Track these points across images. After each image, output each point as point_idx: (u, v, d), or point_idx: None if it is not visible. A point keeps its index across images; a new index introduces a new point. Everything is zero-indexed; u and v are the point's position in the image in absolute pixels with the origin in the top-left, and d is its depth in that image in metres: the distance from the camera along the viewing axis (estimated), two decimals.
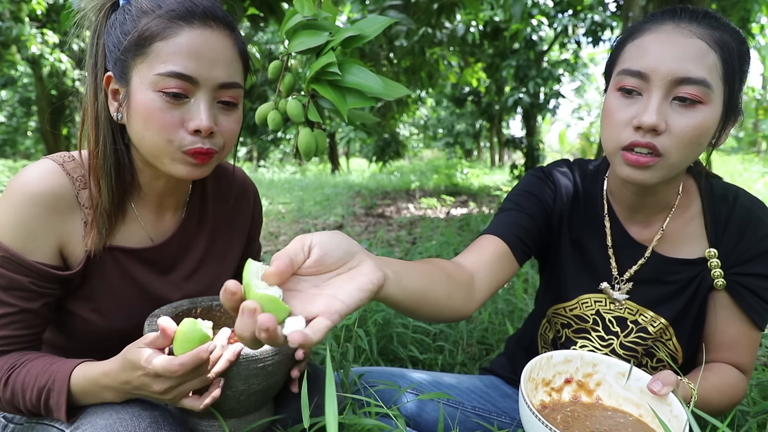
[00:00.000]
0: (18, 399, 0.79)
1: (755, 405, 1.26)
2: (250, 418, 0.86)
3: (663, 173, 0.84)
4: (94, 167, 0.84)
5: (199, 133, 0.81)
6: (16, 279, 0.79)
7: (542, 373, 0.84)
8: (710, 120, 0.81)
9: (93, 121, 0.84)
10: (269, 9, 2.46)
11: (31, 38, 8.65)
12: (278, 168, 18.59)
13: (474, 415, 1.14)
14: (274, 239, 4.69)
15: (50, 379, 0.78)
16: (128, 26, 0.80)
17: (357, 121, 1.08)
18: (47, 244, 0.82)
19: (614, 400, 0.82)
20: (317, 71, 0.97)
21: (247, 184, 1.12)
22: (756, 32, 7.08)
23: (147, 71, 0.79)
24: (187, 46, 0.78)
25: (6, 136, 20.23)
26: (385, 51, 5.00)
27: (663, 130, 0.81)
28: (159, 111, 0.79)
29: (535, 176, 1.07)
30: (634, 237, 0.99)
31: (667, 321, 0.97)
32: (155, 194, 0.93)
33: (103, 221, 0.85)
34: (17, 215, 0.79)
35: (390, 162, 12.63)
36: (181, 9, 0.79)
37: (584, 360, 0.84)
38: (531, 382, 0.82)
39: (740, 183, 7.42)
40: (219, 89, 0.82)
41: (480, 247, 0.96)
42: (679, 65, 0.79)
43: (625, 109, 0.84)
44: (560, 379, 0.85)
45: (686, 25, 0.82)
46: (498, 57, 8.55)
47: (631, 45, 0.86)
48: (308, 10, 0.98)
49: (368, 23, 1.00)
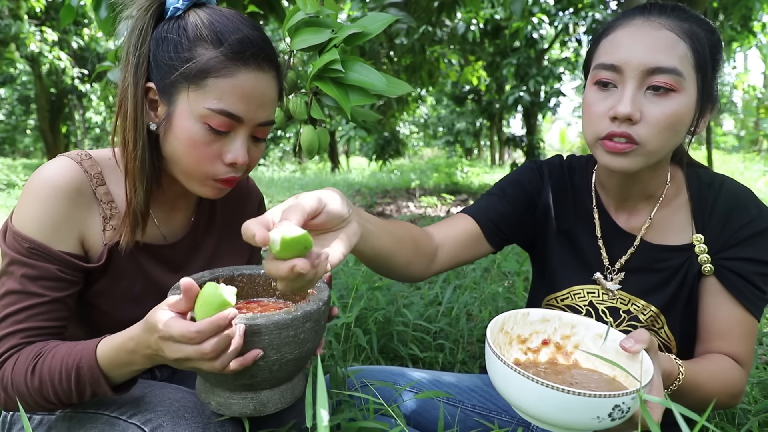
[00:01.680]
0: (47, 386, 0.78)
1: (756, 404, 1.26)
2: (283, 389, 0.85)
3: (643, 160, 0.87)
4: (132, 170, 0.86)
5: (234, 165, 0.86)
6: (45, 268, 0.81)
7: (518, 329, 0.83)
8: (684, 107, 0.84)
9: (133, 124, 0.85)
10: (269, 7, 2.45)
11: (30, 36, 8.64)
12: (278, 166, 18.59)
13: (474, 413, 1.14)
14: None
15: (78, 357, 0.77)
16: (185, 51, 0.81)
17: (360, 118, 1.07)
18: (71, 235, 0.84)
19: (591, 362, 0.81)
20: (320, 68, 0.97)
21: (253, 189, 1.15)
22: (757, 30, 7.07)
23: (197, 102, 0.81)
24: (241, 88, 0.82)
25: (5, 134, 20.22)
26: (386, 49, 4.99)
27: (638, 119, 0.84)
28: (201, 143, 0.83)
29: (527, 167, 1.11)
30: (623, 227, 1.00)
31: (658, 309, 0.98)
32: (169, 196, 0.96)
33: (137, 221, 0.88)
34: (40, 208, 0.81)
35: (390, 160, 12.62)
36: (241, 50, 0.82)
37: (563, 321, 0.83)
38: (504, 334, 0.82)
39: (741, 182, 7.42)
40: (257, 127, 0.87)
41: (453, 223, 1.03)
42: (651, 56, 0.83)
43: (601, 101, 0.88)
44: (537, 339, 0.84)
45: (656, 18, 0.86)
46: (498, 55, 8.55)
47: (605, 41, 0.90)
48: (310, 7, 0.98)
49: (371, 20, 1.00)
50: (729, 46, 7.47)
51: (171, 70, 0.82)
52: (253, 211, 1.14)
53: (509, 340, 0.83)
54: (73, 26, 10.11)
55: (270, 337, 0.75)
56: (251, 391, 0.82)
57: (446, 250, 0.99)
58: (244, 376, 0.78)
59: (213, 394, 0.82)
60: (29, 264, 0.80)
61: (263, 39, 0.85)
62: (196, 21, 0.83)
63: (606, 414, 0.63)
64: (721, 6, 6.09)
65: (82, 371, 0.77)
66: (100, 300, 0.91)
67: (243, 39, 0.82)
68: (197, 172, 0.85)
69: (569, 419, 0.64)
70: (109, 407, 0.84)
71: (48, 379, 0.78)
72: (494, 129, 15.97)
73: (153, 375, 1.05)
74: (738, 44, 7.46)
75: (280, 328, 0.75)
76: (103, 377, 0.77)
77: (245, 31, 0.83)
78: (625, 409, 0.64)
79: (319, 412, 0.53)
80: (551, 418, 0.65)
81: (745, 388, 0.94)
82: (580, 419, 0.64)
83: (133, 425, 0.79)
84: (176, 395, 0.84)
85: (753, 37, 7.09)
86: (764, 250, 0.91)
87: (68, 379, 0.77)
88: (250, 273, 0.94)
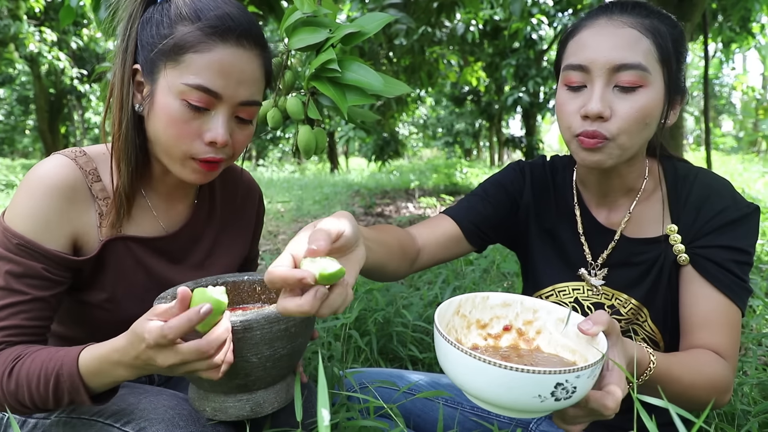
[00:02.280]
0: (23, 390, 0.77)
1: (756, 405, 1.26)
2: (278, 388, 0.84)
3: (616, 154, 0.89)
4: (116, 149, 0.87)
5: (213, 144, 0.85)
6: (31, 266, 0.80)
7: (477, 313, 0.81)
8: (653, 100, 0.86)
9: (118, 105, 0.86)
10: (269, 7, 2.45)
11: (29, 36, 8.63)
12: (277, 167, 18.58)
13: (473, 414, 1.13)
14: (273, 238, 4.68)
15: (58, 364, 0.76)
16: (164, 29, 0.82)
17: (357, 118, 1.07)
18: (62, 233, 0.84)
19: (553, 347, 0.78)
20: (317, 68, 0.96)
21: (253, 185, 1.14)
22: (756, 31, 7.08)
23: (175, 78, 0.81)
24: (219, 63, 0.81)
25: (4, 134, 20.21)
26: (385, 50, 4.98)
27: (609, 116, 0.86)
28: (180, 120, 0.82)
29: (510, 169, 1.13)
30: (603, 223, 1.02)
31: (639, 302, 0.98)
32: (166, 186, 0.96)
33: (122, 202, 0.88)
34: (33, 205, 0.81)
35: (389, 161, 12.61)
36: (219, 24, 0.81)
37: (524, 305, 0.81)
38: (461, 318, 0.79)
39: (740, 182, 7.42)
40: (239, 106, 0.85)
41: (436, 225, 1.06)
42: (615, 53, 0.85)
43: (572, 100, 0.90)
44: (498, 324, 0.82)
45: (618, 17, 0.88)
46: (498, 56, 8.55)
47: (571, 42, 0.93)
48: (308, 6, 0.97)
49: (368, 20, 0.99)
50: (728, 47, 7.47)
51: (152, 48, 0.83)
52: (253, 206, 1.13)
53: (467, 324, 0.80)
54: (72, 26, 10.10)
55: (262, 332, 0.75)
56: (246, 393, 0.81)
57: (428, 251, 1.03)
58: (238, 375, 0.77)
59: (207, 400, 0.81)
60: (15, 261, 0.80)
61: (245, 17, 0.84)
62: (179, 1, 0.84)
63: (548, 393, 0.59)
64: (720, 7, 6.09)
65: (62, 378, 0.76)
66: (103, 299, 0.90)
67: (222, 15, 0.82)
68: (176, 150, 0.84)
69: (510, 398, 0.60)
70: (104, 414, 0.83)
71: (25, 383, 0.76)
72: (493, 130, 15.97)
73: (151, 378, 1.05)
74: (737, 45, 7.46)
75: (271, 323, 0.76)
76: (83, 386, 0.76)
77: (226, 9, 0.83)
78: (570, 389, 0.60)
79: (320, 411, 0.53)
80: (493, 398, 0.62)
81: (733, 382, 0.89)
82: (521, 398, 0.60)
83: None
84: (171, 402, 0.83)
85: (752, 39, 7.09)
86: (739, 237, 0.91)
87: (46, 385, 0.76)
88: (234, 280, 0.94)
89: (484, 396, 0.62)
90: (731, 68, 19.49)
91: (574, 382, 0.60)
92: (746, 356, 1.59)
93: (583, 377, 0.60)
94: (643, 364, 0.77)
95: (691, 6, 3.61)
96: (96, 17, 1.75)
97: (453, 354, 0.63)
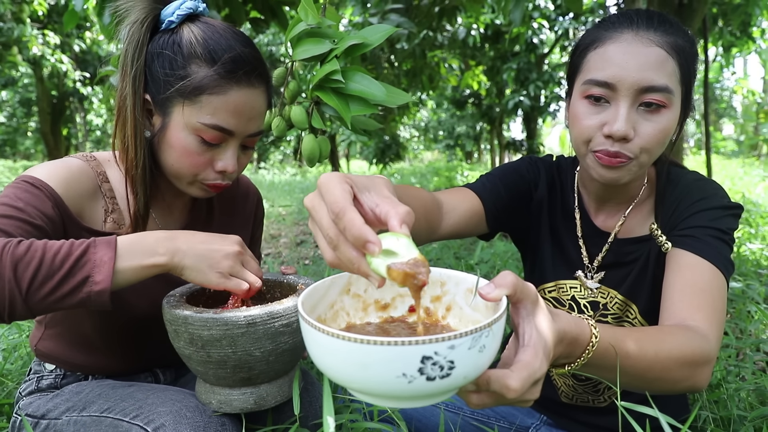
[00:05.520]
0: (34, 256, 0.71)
1: (753, 410, 1.27)
2: (281, 382, 0.88)
3: (634, 171, 0.90)
4: (133, 176, 0.92)
5: (223, 173, 0.93)
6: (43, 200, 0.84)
7: (375, 293, 0.67)
8: (672, 121, 0.88)
9: (133, 132, 0.90)
10: (271, 12, 2.48)
11: (32, 39, 8.67)
12: (279, 169, 18.60)
13: (473, 419, 1.15)
14: (275, 242, 4.70)
15: (90, 240, 0.75)
16: (179, 68, 0.86)
17: (360, 127, 1.09)
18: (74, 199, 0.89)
19: (463, 324, 0.64)
20: (321, 78, 0.98)
21: (251, 188, 1.19)
22: (757, 36, 7.10)
23: (191, 116, 0.87)
24: (234, 104, 0.88)
25: (6, 136, 20.24)
26: (386, 54, 5.01)
27: (632, 137, 0.86)
28: (194, 153, 0.89)
29: (526, 160, 1.14)
30: (600, 226, 1.04)
31: (625, 297, 1.00)
32: (166, 195, 1.02)
33: (138, 222, 0.95)
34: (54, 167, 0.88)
35: (390, 164, 12.64)
36: (234, 69, 0.87)
37: (432, 278, 0.62)
38: (354, 298, 0.66)
39: (740, 187, 7.42)
40: (247, 137, 0.93)
41: (462, 196, 1.02)
42: (644, 74, 0.84)
43: (593, 115, 0.89)
44: (403, 305, 0.68)
45: (644, 33, 0.86)
46: (499, 60, 8.56)
47: (593, 53, 0.90)
48: (312, 18, 0.99)
49: (372, 31, 1.01)
50: (728, 51, 7.49)
51: (167, 86, 0.87)
52: (251, 209, 1.17)
53: (363, 305, 0.67)
54: (75, 30, 10.14)
55: (265, 327, 0.79)
56: (250, 386, 0.85)
57: (450, 222, 0.97)
58: (242, 369, 0.81)
59: (213, 393, 0.85)
60: (31, 192, 0.83)
61: (254, 56, 0.90)
62: (190, 38, 0.87)
63: (414, 370, 0.46)
64: (721, 12, 6.11)
65: (92, 248, 0.73)
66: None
67: (236, 57, 0.87)
68: (188, 175, 0.92)
69: (369, 379, 0.48)
70: (113, 411, 0.85)
71: (42, 249, 0.72)
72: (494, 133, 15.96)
73: (156, 378, 1.07)
74: (737, 50, 7.48)
75: (274, 318, 0.80)
76: (113, 258, 0.73)
77: (238, 49, 0.88)
78: (445, 365, 0.46)
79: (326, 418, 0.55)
80: (348, 380, 0.50)
81: (714, 355, 0.75)
82: (382, 378, 0.47)
83: (137, 426, 0.81)
84: (178, 396, 0.86)
85: (752, 43, 7.12)
86: (716, 219, 0.90)
87: (68, 254, 0.72)
88: None
89: (340, 378, 0.50)
90: (732, 72, 19.49)
91: (449, 355, 0.46)
92: (744, 361, 1.60)
93: (461, 348, 0.46)
94: (581, 339, 0.63)
95: (692, 11, 3.63)
96: (100, 22, 1.77)
97: (305, 330, 0.52)
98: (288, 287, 0.96)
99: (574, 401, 1.09)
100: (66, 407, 0.91)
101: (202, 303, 0.94)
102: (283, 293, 0.97)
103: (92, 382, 0.97)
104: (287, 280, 0.97)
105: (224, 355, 0.79)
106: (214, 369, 0.81)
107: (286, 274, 0.98)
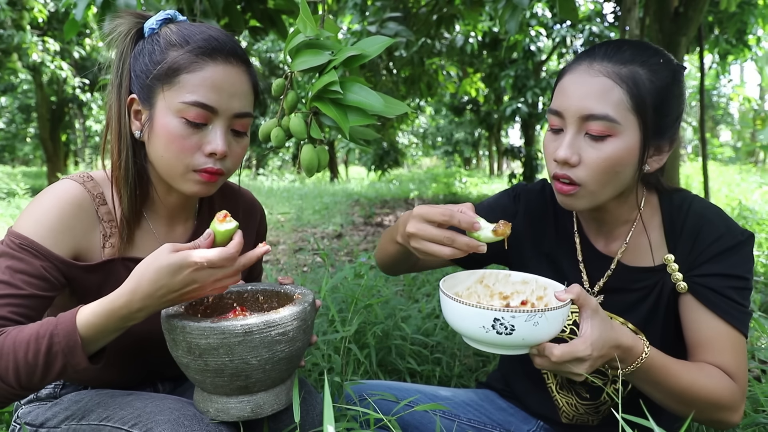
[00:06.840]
0: (8, 360, 0.74)
1: (745, 417, 1.27)
2: (278, 390, 0.88)
3: (588, 200, 0.93)
4: (117, 178, 0.93)
5: (213, 155, 0.91)
6: (31, 263, 0.83)
7: (500, 286, 0.96)
8: (622, 150, 0.88)
9: (116, 136, 0.92)
10: (270, 21, 2.50)
11: (32, 46, 8.69)
12: (277, 176, 18.61)
13: (469, 427, 1.15)
14: (274, 248, 4.70)
15: (51, 325, 0.76)
16: (157, 56, 0.89)
17: (359, 137, 1.10)
18: (66, 245, 0.88)
19: None
20: (319, 89, 0.99)
21: (256, 205, 1.19)
22: (752, 44, 7.15)
23: (172, 98, 0.88)
24: (211, 79, 0.88)
25: (5, 142, 20.25)
26: (385, 61, 5.04)
27: (575, 163, 0.90)
28: (180, 136, 0.88)
29: (504, 195, 1.17)
30: (601, 250, 1.04)
31: (635, 326, 1.00)
32: (167, 208, 1.01)
33: (124, 227, 0.94)
34: (42, 213, 0.87)
35: (389, 170, 12.67)
36: (206, 46, 0.89)
37: (538, 283, 0.94)
38: (484, 287, 0.96)
39: (737, 193, 7.44)
40: (234, 118, 0.92)
41: None
42: (583, 103, 0.88)
43: (552, 143, 0.95)
44: (518, 298, 0.95)
45: (597, 64, 0.89)
46: (496, 67, 8.62)
47: (558, 85, 0.96)
48: (310, 30, 1.00)
49: (370, 43, 1.02)
50: (725, 59, 7.54)
51: (147, 76, 0.89)
52: (255, 224, 1.17)
53: (491, 293, 0.96)
54: (75, 36, 10.17)
55: (261, 335, 0.80)
56: (247, 394, 0.85)
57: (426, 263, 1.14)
58: (239, 377, 0.81)
59: (210, 402, 0.85)
60: (17, 257, 0.83)
61: (229, 38, 0.92)
62: (167, 32, 0.91)
63: (489, 325, 0.76)
64: (717, 20, 6.16)
65: (56, 339, 0.75)
66: None
67: (207, 37, 0.89)
68: (179, 165, 0.90)
69: (465, 326, 0.79)
70: (111, 419, 0.85)
71: (12, 351, 0.74)
72: (492, 139, 16.02)
73: (155, 388, 1.07)
74: (734, 57, 7.53)
75: (270, 327, 0.81)
76: (80, 344, 0.75)
77: (210, 32, 0.91)
78: (508, 326, 0.75)
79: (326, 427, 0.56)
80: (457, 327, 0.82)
81: (742, 404, 0.89)
82: (471, 327, 0.78)
83: None
84: (176, 405, 0.86)
85: (748, 51, 7.16)
86: (734, 265, 0.92)
87: (37, 350, 0.74)
88: (239, 290, 0.99)
89: (453, 325, 0.83)
90: (728, 80, 19.61)
91: (510, 321, 0.75)
92: None
93: (519, 319, 0.75)
94: (635, 350, 0.83)
95: (687, 20, 3.66)
96: (100, 30, 1.79)
97: (442, 298, 0.83)
98: (285, 297, 0.97)
99: (574, 421, 1.09)
100: (65, 416, 0.92)
101: (200, 312, 0.95)
102: (280, 303, 0.98)
103: (91, 391, 0.97)
104: (284, 290, 0.98)
105: (221, 363, 0.80)
106: (211, 377, 0.82)
107: (284, 284, 0.99)
